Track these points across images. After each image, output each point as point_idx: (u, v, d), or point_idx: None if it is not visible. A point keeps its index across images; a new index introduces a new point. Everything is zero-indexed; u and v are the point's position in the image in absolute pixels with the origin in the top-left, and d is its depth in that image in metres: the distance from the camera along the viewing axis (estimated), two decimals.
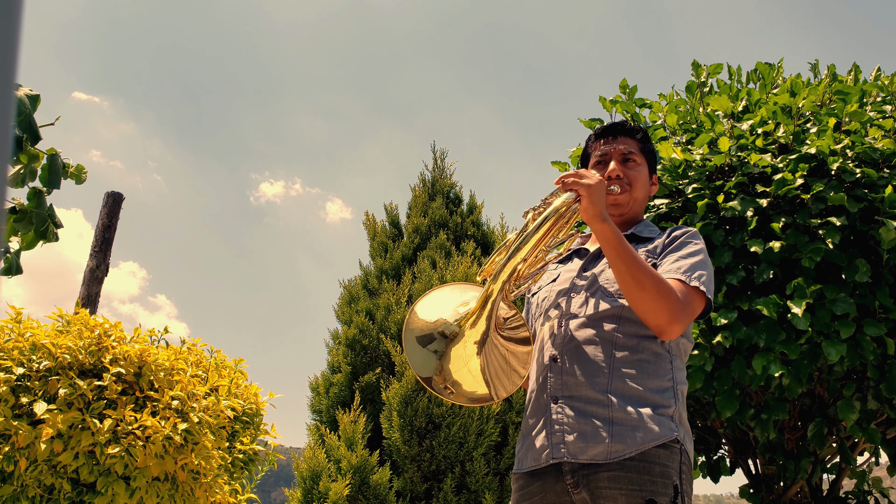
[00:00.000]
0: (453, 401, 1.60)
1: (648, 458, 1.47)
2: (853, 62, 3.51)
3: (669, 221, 3.14)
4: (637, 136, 1.82)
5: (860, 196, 2.86)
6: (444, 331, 1.59)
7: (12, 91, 0.38)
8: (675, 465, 1.49)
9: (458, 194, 6.37)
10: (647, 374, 1.56)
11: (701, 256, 1.64)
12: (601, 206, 1.52)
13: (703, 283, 1.58)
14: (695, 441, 3.81)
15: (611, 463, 1.47)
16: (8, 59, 0.38)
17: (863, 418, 3.02)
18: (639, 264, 1.51)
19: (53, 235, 2.39)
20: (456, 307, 1.62)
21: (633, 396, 1.53)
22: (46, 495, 2.25)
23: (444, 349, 1.58)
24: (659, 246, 1.71)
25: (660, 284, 1.51)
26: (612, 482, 1.46)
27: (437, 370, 1.58)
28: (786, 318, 2.85)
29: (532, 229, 1.53)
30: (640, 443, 1.47)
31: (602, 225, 1.51)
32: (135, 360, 2.46)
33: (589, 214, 1.52)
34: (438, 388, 1.58)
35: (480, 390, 1.58)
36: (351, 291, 5.74)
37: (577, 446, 1.51)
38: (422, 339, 1.60)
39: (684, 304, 1.53)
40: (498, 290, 1.53)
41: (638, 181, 1.77)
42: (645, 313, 1.52)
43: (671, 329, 1.53)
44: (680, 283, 1.57)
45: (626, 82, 3.88)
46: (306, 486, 4.54)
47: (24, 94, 2.04)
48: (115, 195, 4.58)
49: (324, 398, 5.24)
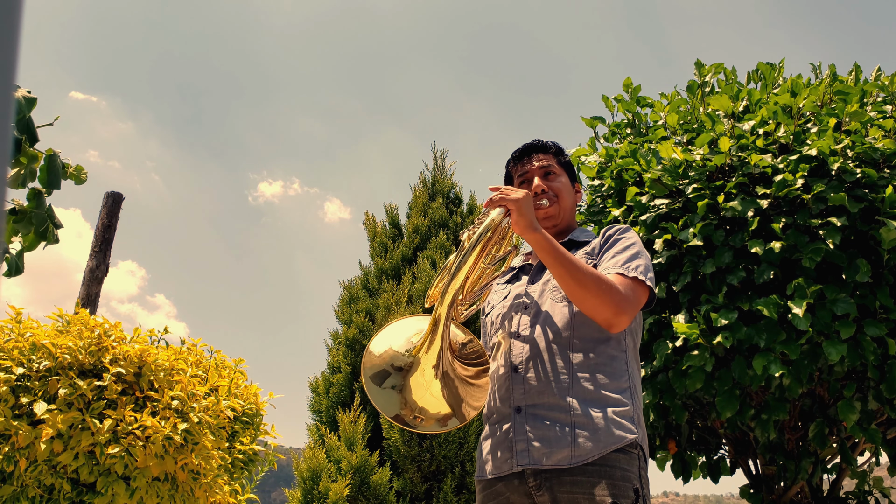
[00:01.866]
0: (425, 429, 1.61)
1: (609, 462, 1.54)
2: (854, 62, 3.51)
3: (669, 221, 3.14)
4: (551, 150, 1.93)
5: (860, 196, 2.86)
6: (396, 363, 1.61)
7: (12, 92, 0.38)
8: (635, 469, 1.56)
9: (458, 194, 6.37)
10: (605, 375, 1.62)
11: (636, 248, 1.71)
12: (530, 216, 1.59)
13: (641, 272, 1.65)
14: (695, 441, 3.81)
15: (574, 468, 1.53)
16: (8, 59, 0.37)
17: (863, 418, 3.02)
18: (576, 265, 1.57)
19: (53, 236, 2.39)
20: (408, 338, 1.65)
21: (593, 399, 1.59)
22: (46, 495, 2.25)
23: (402, 382, 1.60)
24: (596, 247, 1.78)
25: (599, 280, 1.57)
26: (575, 486, 1.53)
27: (402, 404, 1.60)
28: (786, 319, 2.85)
29: (469, 248, 1.57)
30: (602, 447, 1.54)
31: (534, 234, 1.58)
32: (135, 360, 2.45)
33: (520, 227, 1.58)
34: (409, 420, 1.60)
35: (445, 411, 1.60)
36: (351, 291, 5.74)
37: (542, 452, 1.57)
38: (376, 377, 1.61)
39: (626, 295, 1.60)
40: (445, 312, 1.55)
41: (562, 192, 1.87)
42: (591, 310, 1.58)
43: (619, 321, 1.59)
44: (620, 276, 1.63)
45: (629, 81, 3.87)
46: (306, 487, 4.54)
47: (21, 96, 2.04)
48: (115, 195, 4.58)
49: (324, 398, 5.24)
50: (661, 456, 3.75)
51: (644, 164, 3.31)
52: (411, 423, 1.60)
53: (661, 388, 3.14)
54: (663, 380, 3.13)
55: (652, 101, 3.84)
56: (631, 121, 3.91)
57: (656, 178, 3.23)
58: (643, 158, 3.32)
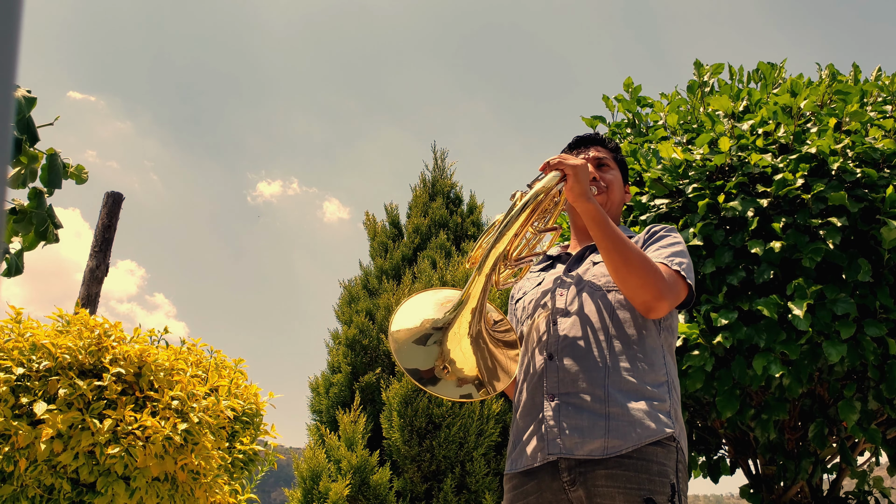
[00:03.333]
0: (443, 389, 1.55)
1: (646, 457, 1.47)
2: (853, 62, 3.51)
3: (670, 221, 3.14)
4: (610, 145, 1.90)
5: (861, 196, 2.86)
6: (436, 324, 1.57)
7: (12, 92, 0.38)
8: (672, 463, 1.49)
9: (458, 194, 6.37)
10: (642, 368, 1.56)
11: (681, 247, 1.68)
12: (586, 184, 1.55)
13: (685, 269, 1.62)
14: (695, 441, 3.81)
15: (608, 460, 1.47)
16: (8, 59, 0.37)
17: (863, 418, 3.02)
18: (625, 241, 1.54)
19: (53, 236, 2.39)
20: (440, 305, 1.61)
21: (630, 391, 1.53)
22: (46, 495, 2.25)
23: (443, 337, 1.56)
24: (640, 240, 1.74)
25: (645, 260, 1.54)
26: (610, 480, 1.46)
27: (438, 355, 1.55)
28: (786, 319, 2.85)
29: (518, 209, 1.52)
30: (637, 439, 1.47)
31: (587, 203, 1.54)
32: (135, 360, 2.45)
33: (574, 193, 1.54)
34: (437, 371, 1.55)
35: (469, 373, 1.56)
36: (351, 291, 5.74)
37: (574, 441, 1.51)
38: (420, 339, 1.57)
39: (670, 284, 1.57)
40: (487, 273, 1.51)
41: (614, 185, 1.84)
42: (632, 289, 1.54)
43: (659, 305, 1.55)
44: (664, 265, 1.60)
45: (630, 81, 3.87)
46: (306, 487, 4.54)
47: (22, 96, 2.04)
48: (115, 195, 4.58)
49: (324, 398, 5.24)
50: None
51: (644, 163, 3.30)
52: (437, 374, 1.54)
53: None
54: None
55: (652, 101, 3.84)
56: (631, 121, 3.91)
57: (656, 177, 3.23)
58: (643, 158, 3.32)
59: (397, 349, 1.57)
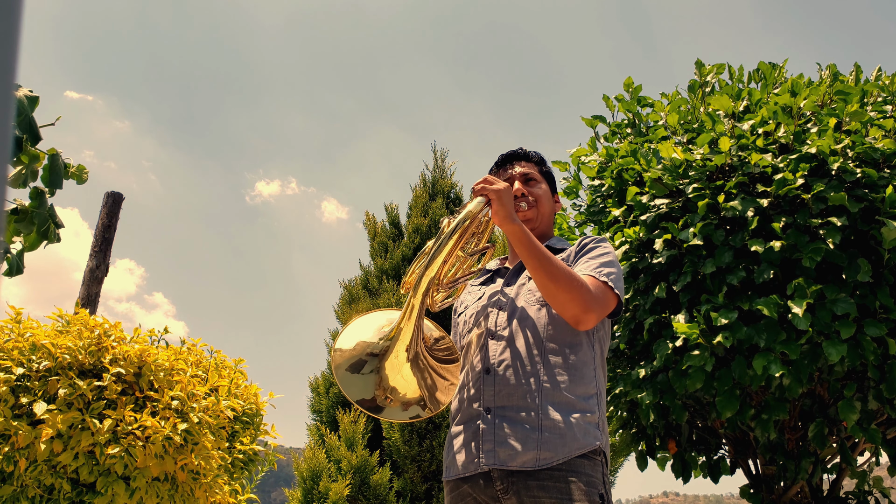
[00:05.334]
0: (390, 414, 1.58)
1: (575, 469, 1.56)
2: (855, 62, 3.51)
3: (669, 221, 3.14)
4: (534, 159, 1.98)
5: (861, 196, 2.86)
6: (372, 350, 1.60)
7: (12, 91, 0.38)
8: (599, 474, 1.60)
9: (458, 194, 6.37)
10: (573, 380, 1.65)
11: (610, 257, 1.76)
12: (510, 207, 1.62)
13: (612, 280, 1.69)
14: (695, 441, 3.81)
15: (540, 471, 1.55)
16: (8, 59, 0.37)
17: (863, 418, 3.02)
18: (550, 259, 1.60)
19: (55, 236, 2.39)
20: (379, 328, 1.64)
21: (561, 403, 1.62)
22: (46, 495, 2.25)
23: (379, 365, 1.59)
24: (571, 254, 1.82)
25: (571, 276, 1.61)
26: (542, 490, 1.55)
27: (377, 385, 1.58)
28: (786, 319, 2.85)
29: (447, 235, 1.57)
30: (567, 452, 1.56)
31: (512, 225, 1.61)
32: (135, 360, 2.45)
33: (500, 216, 1.61)
34: (380, 400, 1.58)
35: (413, 395, 1.59)
36: (351, 291, 5.74)
37: (507, 454, 1.59)
38: (353, 367, 1.60)
39: (596, 295, 1.64)
40: (420, 299, 1.55)
41: (542, 198, 1.92)
42: (561, 304, 1.61)
43: (587, 318, 1.62)
44: (591, 278, 1.67)
45: (630, 81, 3.87)
46: (306, 486, 4.54)
47: (24, 95, 2.04)
48: (115, 195, 4.58)
49: (324, 398, 5.24)
50: (662, 456, 3.74)
51: (644, 163, 3.31)
52: (381, 404, 1.58)
53: (662, 388, 3.14)
54: (663, 380, 3.13)
55: (652, 101, 3.84)
56: (631, 120, 3.91)
57: (656, 177, 3.23)
58: (643, 158, 3.32)
59: (338, 375, 1.60)
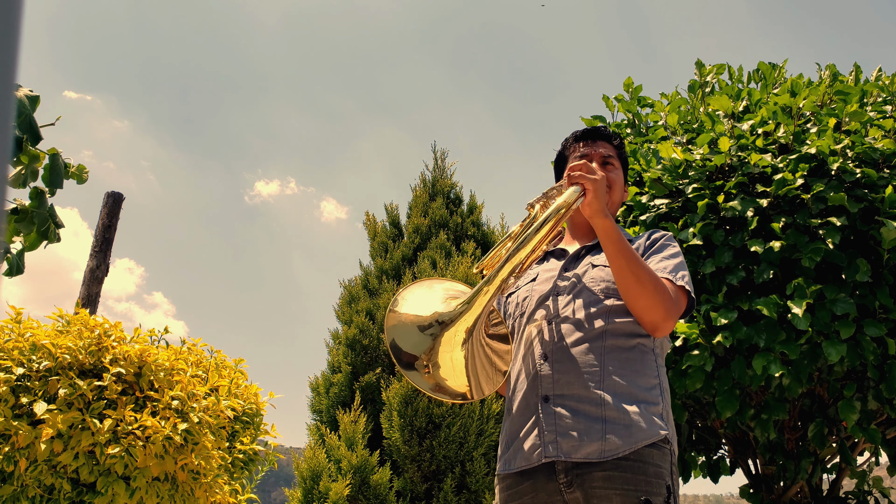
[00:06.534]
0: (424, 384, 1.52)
1: (642, 458, 1.48)
2: (854, 62, 3.51)
3: (669, 221, 3.14)
4: (615, 142, 1.88)
5: (860, 196, 2.86)
6: (441, 318, 1.54)
7: (12, 91, 0.38)
8: (667, 465, 1.51)
9: (458, 194, 6.37)
10: (635, 371, 1.57)
11: (681, 258, 1.69)
12: (604, 201, 1.56)
13: (687, 283, 1.63)
14: (695, 441, 3.81)
15: (605, 462, 1.48)
16: (8, 59, 0.38)
17: (863, 418, 3.02)
18: (638, 261, 1.53)
19: (55, 236, 2.39)
20: (449, 298, 1.59)
21: (624, 394, 1.54)
22: (46, 495, 2.25)
23: (439, 332, 1.54)
24: (640, 247, 1.74)
25: (657, 282, 1.54)
26: (607, 482, 1.47)
27: (427, 350, 1.52)
28: (786, 318, 2.85)
29: (541, 222, 1.52)
30: (634, 441, 1.49)
31: (605, 220, 1.54)
32: (135, 360, 2.46)
33: (593, 209, 1.54)
34: (419, 364, 1.52)
35: (452, 381, 1.54)
36: (351, 291, 5.74)
37: (571, 445, 1.51)
38: (419, 323, 1.55)
39: (676, 302, 1.58)
40: (499, 283, 1.50)
41: (616, 184, 1.81)
42: (642, 309, 1.54)
43: (665, 325, 1.56)
44: (669, 282, 1.60)
45: (630, 81, 3.87)
46: (306, 486, 4.54)
47: (24, 95, 2.04)
48: (115, 195, 4.58)
49: (324, 398, 5.24)
50: None
51: (644, 163, 3.31)
52: (418, 367, 1.52)
53: None
54: None
55: (652, 101, 3.84)
56: (631, 121, 3.91)
57: (656, 177, 3.23)
58: (643, 158, 3.32)
59: (399, 319, 1.54)
